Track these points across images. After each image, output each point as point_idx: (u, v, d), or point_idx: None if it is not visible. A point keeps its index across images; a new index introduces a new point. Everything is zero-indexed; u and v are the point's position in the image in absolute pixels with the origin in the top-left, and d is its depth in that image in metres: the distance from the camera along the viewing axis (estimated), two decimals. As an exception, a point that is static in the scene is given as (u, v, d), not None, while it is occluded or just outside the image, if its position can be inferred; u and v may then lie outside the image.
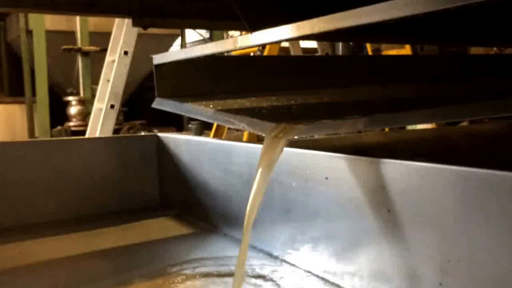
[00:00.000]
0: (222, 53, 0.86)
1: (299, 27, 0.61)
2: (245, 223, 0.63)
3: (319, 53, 2.74)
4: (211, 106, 0.91)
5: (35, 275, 0.81)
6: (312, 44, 3.60)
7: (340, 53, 2.64)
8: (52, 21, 4.09)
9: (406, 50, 2.49)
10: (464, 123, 2.06)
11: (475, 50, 2.56)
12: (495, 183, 0.47)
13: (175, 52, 1.01)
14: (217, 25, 1.39)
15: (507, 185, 0.45)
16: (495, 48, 2.52)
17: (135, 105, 5.18)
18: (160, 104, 1.00)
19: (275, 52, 2.18)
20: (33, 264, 0.86)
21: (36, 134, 4.27)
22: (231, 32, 4.46)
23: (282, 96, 1.04)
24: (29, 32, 4.26)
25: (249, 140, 2.08)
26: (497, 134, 1.68)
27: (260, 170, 0.64)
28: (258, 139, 1.94)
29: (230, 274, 0.76)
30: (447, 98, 1.11)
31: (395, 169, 0.57)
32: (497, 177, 0.46)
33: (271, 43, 0.80)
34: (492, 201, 0.47)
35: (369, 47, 2.85)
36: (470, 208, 0.50)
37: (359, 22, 0.49)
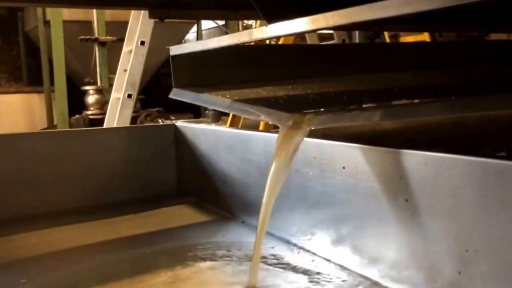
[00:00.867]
0: (238, 44, 0.86)
1: (314, 20, 0.61)
2: (261, 217, 0.64)
3: (335, 40, 2.71)
4: (227, 96, 0.92)
5: (58, 261, 0.84)
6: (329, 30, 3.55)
7: (357, 40, 2.60)
8: (69, 11, 4.13)
9: (424, 36, 2.44)
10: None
11: (495, 36, 2.49)
12: (511, 173, 0.47)
13: (191, 44, 1.01)
14: (232, 15, 1.39)
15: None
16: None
17: (152, 92, 5.22)
18: (177, 94, 1.02)
19: (290, 41, 2.16)
20: (56, 251, 0.89)
21: (55, 122, 4.37)
22: (246, 20, 4.43)
23: (298, 85, 1.04)
24: (46, 23, 4.32)
25: (266, 129, 2.09)
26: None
27: (276, 162, 0.65)
28: (275, 128, 1.94)
29: (247, 259, 0.78)
30: (466, 87, 1.09)
31: (413, 159, 0.57)
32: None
33: (286, 36, 0.80)
34: (509, 191, 0.47)
35: (386, 34, 2.80)
36: (488, 198, 0.50)
37: (374, 17, 0.49)
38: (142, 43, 2.08)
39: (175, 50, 1.01)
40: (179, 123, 1.33)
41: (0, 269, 0.80)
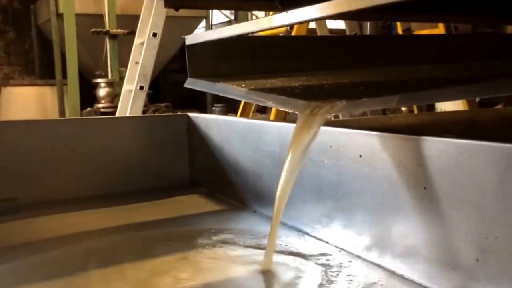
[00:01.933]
0: (254, 32, 0.86)
1: (336, 4, 0.61)
2: (276, 206, 0.64)
3: (347, 33, 2.69)
4: (243, 86, 0.92)
5: (73, 243, 0.86)
6: (339, 25, 3.53)
7: (368, 33, 2.58)
8: (81, 4, 4.15)
9: (439, 29, 2.41)
10: (499, 106, 1.98)
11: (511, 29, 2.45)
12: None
13: (207, 32, 1.02)
14: (246, 5, 1.39)
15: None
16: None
17: (159, 88, 5.24)
18: (193, 84, 1.02)
19: (303, 33, 2.15)
20: (71, 234, 0.91)
21: (67, 115, 4.40)
22: (254, 14, 4.43)
23: (312, 76, 1.04)
24: (59, 16, 4.35)
25: (276, 118, 2.08)
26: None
27: (293, 150, 0.65)
28: (285, 120, 1.93)
29: (259, 247, 0.79)
30: (481, 77, 1.08)
31: (433, 146, 0.57)
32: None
33: (305, 21, 0.79)
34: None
35: (399, 27, 2.77)
36: (510, 185, 0.49)
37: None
38: (154, 35, 2.09)
39: (191, 39, 1.01)
40: (192, 114, 1.33)
41: (20, 248, 0.84)
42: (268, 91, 0.86)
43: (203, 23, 5.12)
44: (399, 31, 2.78)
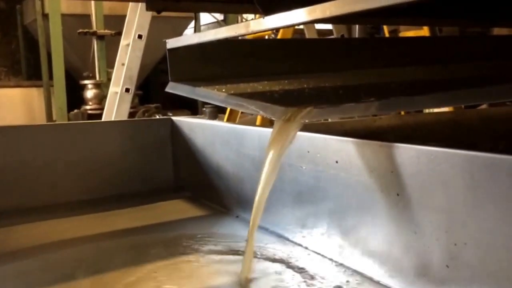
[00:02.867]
0: (235, 37, 0.86)
1: (311, 11, 0.61)
2: (254, 210, 0.64)
3: (334, 35, 2.70)
4: (223, 90, 0.92)
5: (56, 252, 0.85)
6: (328, 25, 3.55)
7: (357, 35, 2.59)
8: (68, 4, 4.11)
9: (424, 31, 2.43)
10: (483, 106, 2.01)
11: (498, 31, 2.47)
12: (503, 167, 0.47)
13: (188, 36, 1.01)
14: (230, 8, 1.39)
15: (515, 169, 0.45)
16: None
17: (150, 88, 5.21)
18: (174, 88, 1.02)
19: (288, 35, 2.16)
20: (54, 242, 0.90)
21: (54, 117, 4.36)
22: (245, 15, 4.42)
23: (295, 79, 1.04)
24: (45, 16, 4.30)
25: (262, 124, 2.09)
26: (517, 117, 1.63)
27: (270, 156, 0.65)
28: (271, 123, 1.93)
29: (240, 253, 0.79)
30: (464, 81, 1.09)
31: (404, 153, 0.58)
32: (505, 161, 0.46)
33: (283, 28, 0.79)
34: (499, 185, 0.48)
35: (386, 29, 2.79)
36: (478, 192, 0.50)
37: (369, 7, 0.49)
38: (140, 36, 2.08)
39: (172, 43, 1.01)
40: (176, 118, 1.33)
41: (2, 257, 0.83)
42: (247, 96, 0.86)
43: (193, 23, 5.10)
44: (386, 32, 2.80)
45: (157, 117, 3.75)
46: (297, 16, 0.63)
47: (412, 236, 0.58)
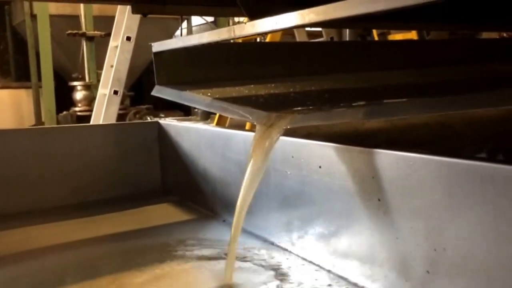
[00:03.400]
0: (219, 41, 0.86)
1: (290, 18, 0.61)
2: (235, 220, 0.64)
3: (324, 37, 2.71)
4: (209, 94, 0.91)
5: (41, 259, 0.84)
6: (318, 27, 3.55)
7: (347, 37, 2.59)
8: (57, 5, 4.07)
9: (412, 34, 2.45)
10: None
11: (487, 35, 2.50)
12: (478, 174, 0.47)
13: (173, 40, 1.01)
14: (217, 11, 1.38)
15: (489, 175, 0.46)
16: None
17: (141, 89, 5.18)
18: (160, 91, 1.01)
19: (277, 38, 2.16)
20: (38, 248, 0.89)
21: (43, 119, 4.31)
22: (237, 18, 4.41)
23: (281, 83, 1.04)
24: (33, 17, 4.25)
25: (252, 127, 2.09)
26: (503, 119, 1.65)
27: (252, 161, 0.65)
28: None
29: (225, 257, 0.78)
30: (453, 85, 1.09)
31: (385, 159, 0.58)
32: (480, 168, 0.47)
33: (266, 33, 0.79)
34: (475, 191, 0.48)
35: (375, 32, 2.80)
36: (455, 198, 0.50)
37: (347, 14, 0.49)
38: (128, 38, 2.07)
39: (157, 47, 1.00)
40: (163, 121, 1.32)
41: None
42: (232, 101, 0.86)
43: (184, 23, 5.08)
44: (374, 34, 2.81)
45: (148, 118, 3.73)
46: (278, 22, 0.63)
47: (394, 242, 0.58)
